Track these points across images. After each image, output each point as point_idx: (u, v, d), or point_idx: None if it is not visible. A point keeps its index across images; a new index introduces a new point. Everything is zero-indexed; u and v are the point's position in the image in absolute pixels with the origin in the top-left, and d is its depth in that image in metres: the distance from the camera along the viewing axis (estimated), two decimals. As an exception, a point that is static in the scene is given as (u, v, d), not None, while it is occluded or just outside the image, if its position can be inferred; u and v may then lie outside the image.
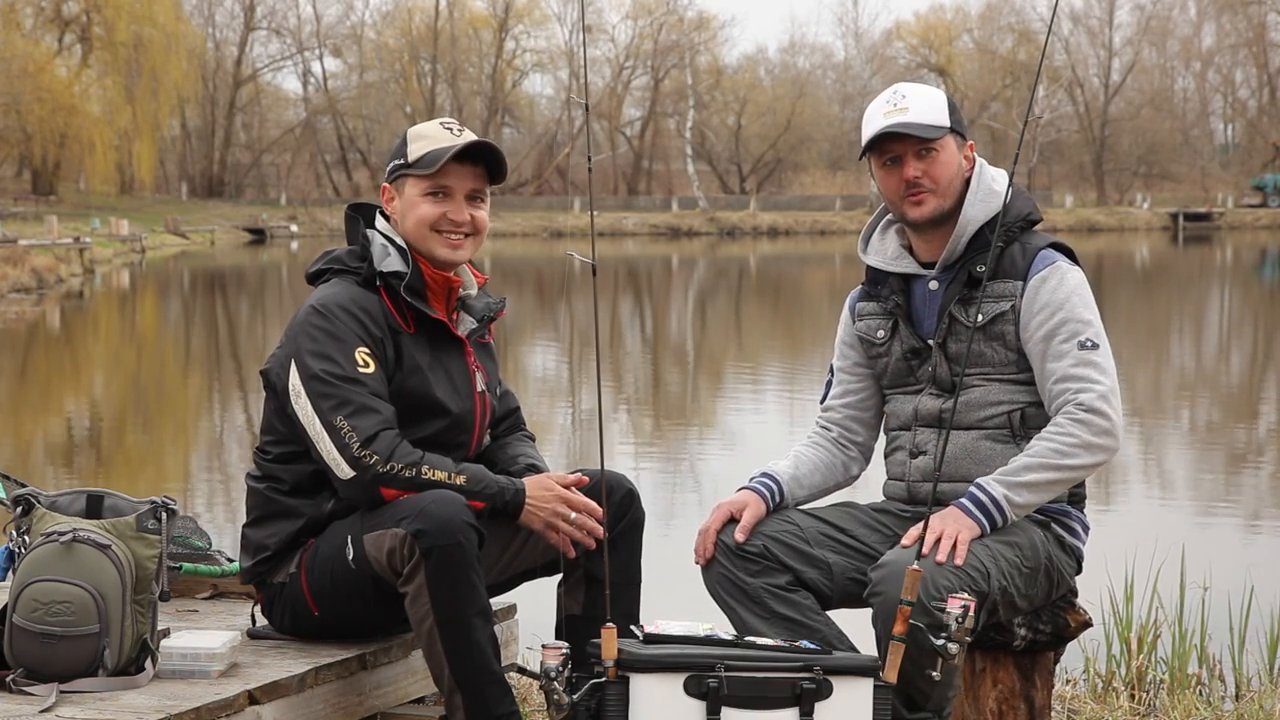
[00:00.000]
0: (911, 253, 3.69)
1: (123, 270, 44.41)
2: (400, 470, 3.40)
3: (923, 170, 3.58)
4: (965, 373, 3.54)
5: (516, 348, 20.24)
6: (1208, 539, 8.64)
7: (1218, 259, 48.22)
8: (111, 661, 3.27)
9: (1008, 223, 3.57)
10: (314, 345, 3.47)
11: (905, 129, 3.56)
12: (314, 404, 3.44)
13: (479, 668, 3.33)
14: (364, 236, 3.64)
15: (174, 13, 67.31)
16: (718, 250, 57.73)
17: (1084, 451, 3.43)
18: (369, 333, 3.50)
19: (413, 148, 3.62)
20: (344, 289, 3.56)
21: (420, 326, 3.60)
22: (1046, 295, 3.52)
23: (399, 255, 3.59)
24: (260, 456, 3.64)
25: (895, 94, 3.63)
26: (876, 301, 3.73)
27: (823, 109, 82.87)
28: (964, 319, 3.55)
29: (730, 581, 3.54)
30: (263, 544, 3.60)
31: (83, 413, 16.16)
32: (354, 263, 3.61)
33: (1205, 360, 20.07)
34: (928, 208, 3.59)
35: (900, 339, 3.67)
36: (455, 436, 3.62)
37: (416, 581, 3.32)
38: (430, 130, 3.64)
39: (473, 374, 3.69)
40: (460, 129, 3.67)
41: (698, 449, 12.67)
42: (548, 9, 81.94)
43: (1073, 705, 4.76)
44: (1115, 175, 79.95)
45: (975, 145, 3.69)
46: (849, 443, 3.81)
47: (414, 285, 3.58)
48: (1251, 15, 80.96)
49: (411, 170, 3.61)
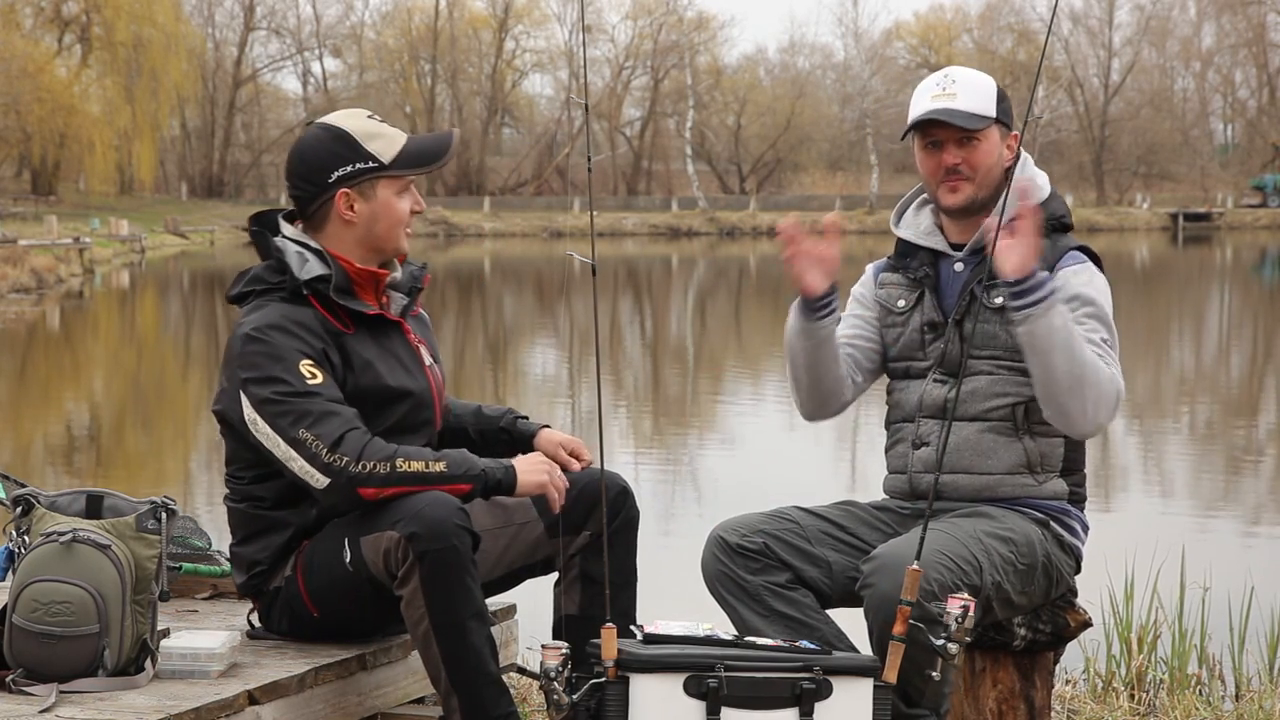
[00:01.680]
0: (942, 232, 3.69)
1: (122, 270, 44.40)
2: (374, 468, 3.35)
3: (963, 158, 3.58)
4: (976, 355, 3.54)
5: (517, 348, 20.23)
6: (1208, 539, 8.64)
7: (1217, 259, 48.22)
8: (111, 661, 3.27)
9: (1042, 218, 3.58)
10: (257, 371, 3.41)
11: (949, 117, 3.56)
12: (273, 425, 3.39)
13: (475, 669, 3.32)
14: (276, 249, 3.54)
15: (174, 13, 67.27)
16: (717, 250, 57.72)
17: (1095, 390, 3.38)
18: (309, 345, 3.44)
19: (375, 147, 3.52)
20: (272, 309, 3.48)
21: (357, 324, 3.54)
22: (1079, 287, 3.52)
23: (317, 259, 3.50)
24: (234, 482, 3.60)
25: (946, 78, 3.62)
26: (902, 273, 3.73)
27: (822, 109, 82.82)
28: (984, 299, 3.55)
29: (730, 579, 3.54)
30: (255, 559, 3.58)
31: (82, 413, 16.16)
32: (274, 278, 3.52)
33: (1205, 360, 20.07)
34: (962, 195, 3.60)
35: (923, 310, 3.66)
36: (418, 415, 3.60)
37: (411, 585, 3.31)
38: (373, 127, 3.54)
39: (417, 351, 3.65)
40: (381, 117, 3.61)
41: (697, 449, 12.67)
42: (547, 9, 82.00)
43: (1073, 705, 4.76)
44: (1115, 175, 79.93)
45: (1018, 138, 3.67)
46: (855, 367, 3.75)
47: (341, 285, 3.50)
48: (1251, 15, 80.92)
49: (388, 172, 3.53)
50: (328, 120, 3.58)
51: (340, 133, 3.53)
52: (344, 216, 3.53)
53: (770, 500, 3.77)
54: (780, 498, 3.81)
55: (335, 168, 3.51)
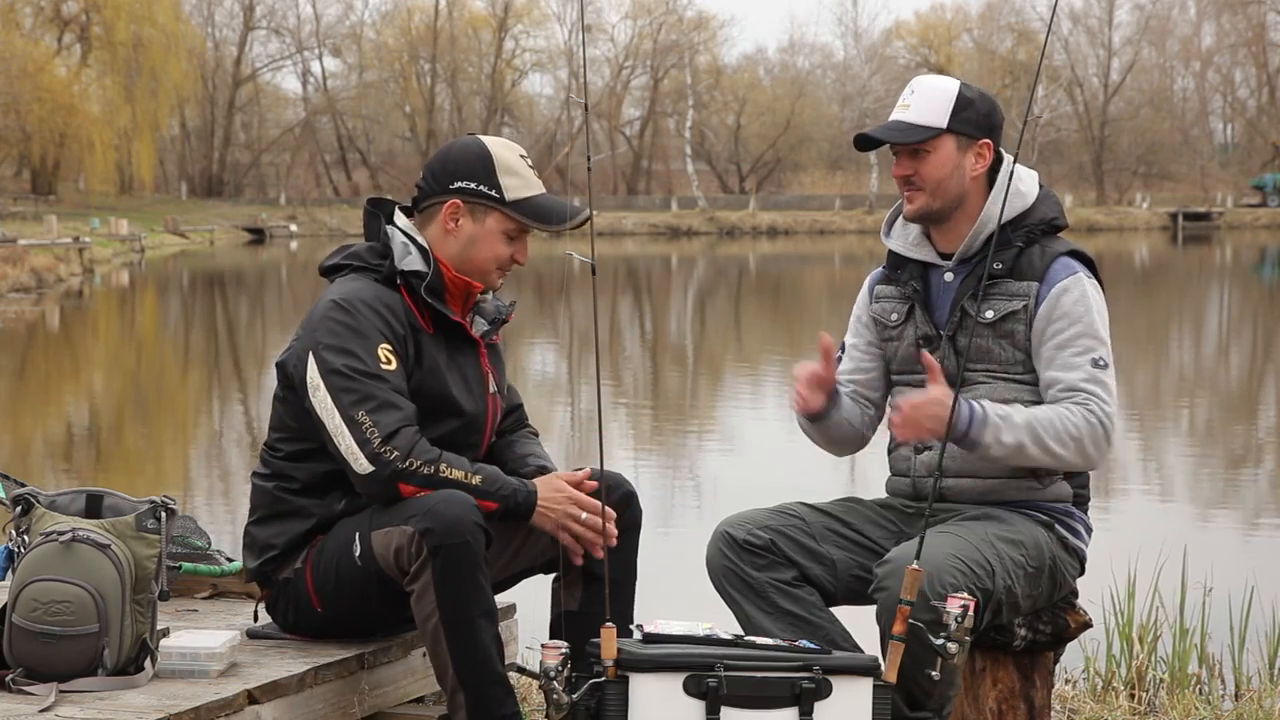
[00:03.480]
0: (931, 241, 3.69)
1: (122, 270, 44.39)
2: (419, 467, 3.39)
3: (913, 169, 3.58)
4: (972, 368, 3.54)
5: (516, 347, 20.23)
6: (1208, 539, 8.64)
7: (1217, 259, 48.22)
8: (111, 661, 3.27)
9: (1030, 224, 3.57)
10: (335, 340, 3.45)
11: (882, 133, 3.58)
12: (334, 398, 3.41)
13: (483, 668, 3.33)
14: (384, 233, 3.60)
15: (173, 12, 67.26)
16: (717, 250, 57.72)
17: (1075, 448, 3.43)
18: (392, 330, 3.48)
19: (506, 182, 3.56)
20: (366, 285, 3.53)
21: (438, 327, 3.58)
22: (1068, 305, 3.50)
23: (420, 255, 3.56)
24: (269, 454, 3.62)
25: (908, 90, 3.62)
26: (895, 285, 3.72)
27: (822, 109, 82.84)
28: (975, 314, 3.54)
29: (736, 575, 3.54)
30: (269, 543, 3.58)
31: (82, 412, 16.16)
32: (374, 259, 3.58)
33: (1205, 360, 20.07)
34: (916, 205, 3.60)
35: (915, 324, 3.66)
36: (468, 437, 3.62)
37: (423, 580, 3.32)
38: (518, 165, 3.58)
39: (486, 376, 3.69)
40: (533, 165, 3.63)
41: (697, 449, 12.67)
42: (547, 8, 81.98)
43: (1072, 705, 4.76)
44: (1115, 175, 79.94)
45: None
46: (858, 399, 3.78)
47: (434, 286, 3.55)
48: (1251, 15, 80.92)
49: (505, 209, 3.56)
50: (486, 138, 3.64)
51: (485, 153, 3.58)
52: (446, 225, 3.58)
53: (770, 499, 3.77)
54: (781, 496, 3.80)
55: (461, 178, 3.57)
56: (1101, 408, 3.44)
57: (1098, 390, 3.46)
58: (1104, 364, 3.48)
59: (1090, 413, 3.43)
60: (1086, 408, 3.44)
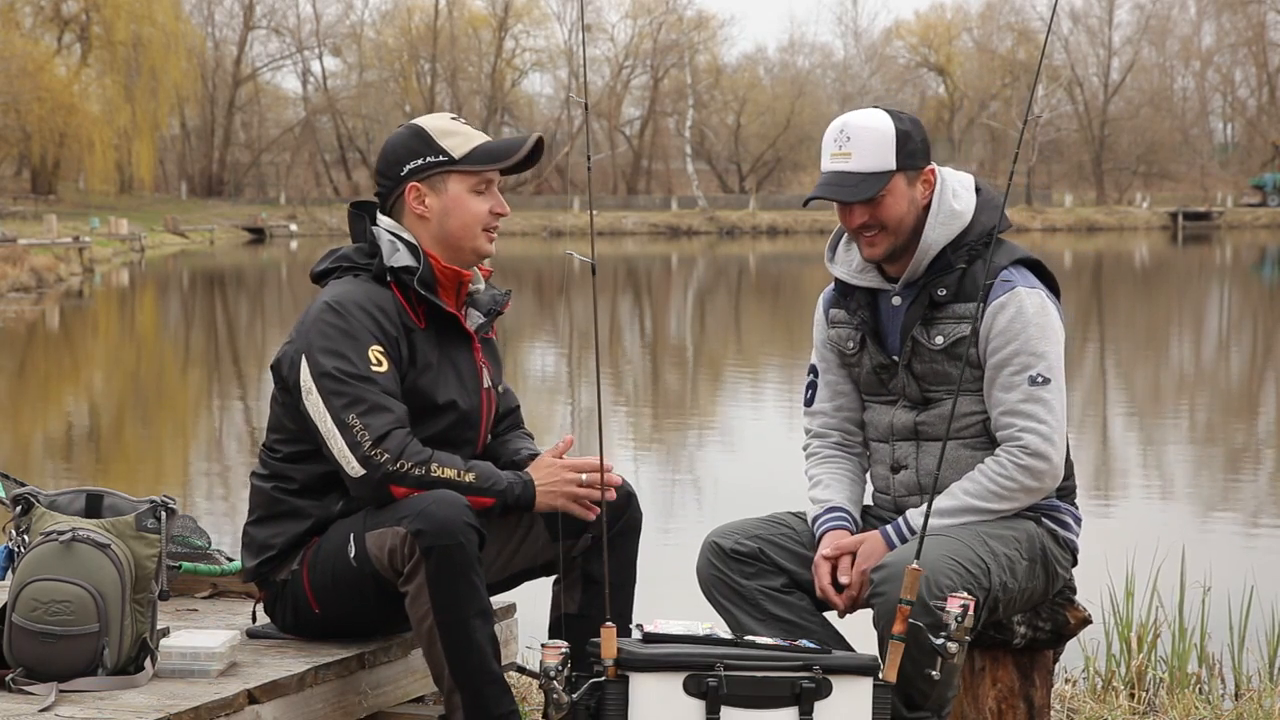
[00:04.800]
0: (878, 266, 3.66)
1: (122, 269, 44.41)
2: (410, 469, 3.40)
3: (869, 215, 3.53)
4: (932, 390, 3.56)
5: (516, 347, 20.23)
6: (1208, 538, 8.64)
7: (1217, 258, 48.22)
8: (111, 661, 3.26)
9: (970, 241, 3.53)
10: (327, 342, 3.45)
11: (838, 194, 3.50)
12: (325, 401, 3.42)
13: (478, 668, 3.33)
14: (370, 233, 3.60)
15: (173, 12, 67.28)
16: (717, 249, 57.72)
17: (1020, 495, 3.48)
18: (384, 331, 3.49)
19: (448, 143, 3.56)
20: (357, 286, 3.53)
21: (431, 322, 3.58)
22: (1003, 323, 3.48)
23: (408, 250, 3.56)
24: (268, 455, 3.62)
25: (842, 134, 3.51)
26: (846, 311, 3.71)
27: (822, 108, 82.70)
28: (926, 341, 3.54)
29: (725, 584, 3.55)
30: (267, 543, 3.59)
31: (82, 412, 16.16)
32: (363, 260, 3.58)
33: (1205, 360, 20.07)
34: (881, 248, 3.56)
35: (869, 353, 3.65)
36: (463, 433, 3.62)
37: (417, 581, 3.32)
38: (452, 126, 3.59)
39: (480, 370, 3.68)
40: (467, 122, 3.65)
41: (697, 449, 12.67)
42: (547, 8, 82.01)
43: (1072, 704, 4.76)
44: (1115, 174, 79.93)
45: (949, 163, 3.64)
46: (853, 444, 3.77)
47: (425, 279, 3.55)
48: (1251, 15, 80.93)
49: (458, 166, 3.56)
50: (416, 119, 3.64)
51: (417, 129, 3.60)
52: (415, 211, 3.58)
53: (770, 499, 3.78)
54: (781, 496, 3.81)
55: (407, 161, 3.57)
56: (1036, 432, 3.45)
57: (1035, 409, 3.45)
58: (1042, 380, 3.46)
59: (1018, 450, 3.45)
60: (1014, 445, 3.45)
